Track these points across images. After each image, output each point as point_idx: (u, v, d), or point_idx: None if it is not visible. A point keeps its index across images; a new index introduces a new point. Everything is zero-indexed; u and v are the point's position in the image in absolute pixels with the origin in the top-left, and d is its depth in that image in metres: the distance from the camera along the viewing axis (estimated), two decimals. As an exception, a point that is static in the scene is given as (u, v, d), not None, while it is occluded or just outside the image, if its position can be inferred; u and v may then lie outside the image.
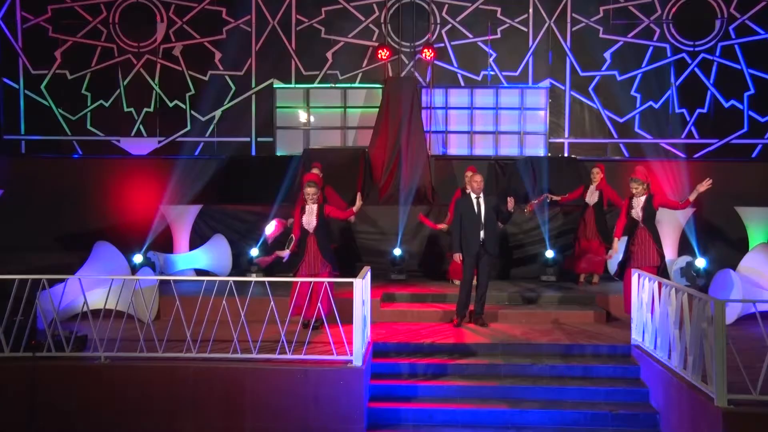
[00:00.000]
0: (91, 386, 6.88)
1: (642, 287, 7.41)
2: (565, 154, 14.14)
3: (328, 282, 7.77)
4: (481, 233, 8.54)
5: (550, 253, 11.21)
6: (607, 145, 14.14)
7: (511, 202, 8.53)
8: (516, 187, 13.29)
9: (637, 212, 8.27)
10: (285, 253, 8.29)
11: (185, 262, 11.26)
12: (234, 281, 7.16)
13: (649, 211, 8.26)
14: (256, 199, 12.62)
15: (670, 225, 10.91)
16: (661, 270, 8.19)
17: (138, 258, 10.30)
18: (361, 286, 6.92)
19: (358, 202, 8.59)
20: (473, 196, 8.65)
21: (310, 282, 7.74)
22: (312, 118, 14.55)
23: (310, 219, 8.31)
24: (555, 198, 11.05)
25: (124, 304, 7.81)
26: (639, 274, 7.53)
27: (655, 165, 13.31)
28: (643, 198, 8.29)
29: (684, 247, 11.04)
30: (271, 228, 9.22)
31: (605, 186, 10.64)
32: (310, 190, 8.31)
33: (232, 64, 14.31)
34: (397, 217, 11.85)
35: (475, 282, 8.80)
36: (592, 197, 10.71)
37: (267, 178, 13.12)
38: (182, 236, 11.60)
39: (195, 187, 13.27)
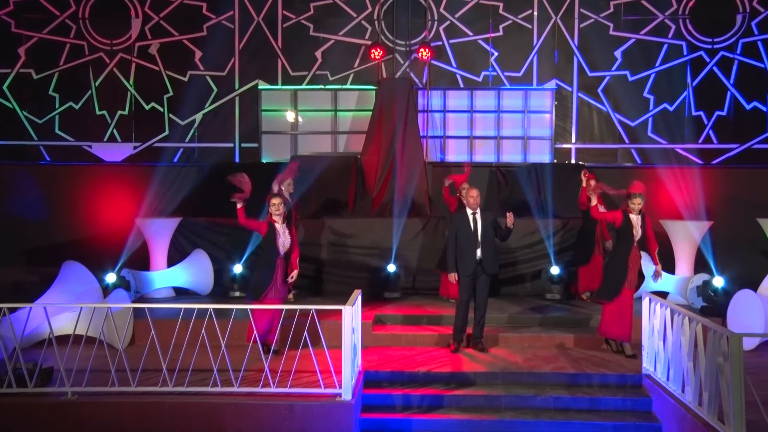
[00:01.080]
0: (57, 425, 6.83)
1: (653, 313, 7.42)
2: (572, 161, 14.15)
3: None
4: (478, 251, 8.56)
5: (555, 270, 11.24)
6: (617, 150, 14.18)
7: (510, 218, 8.52)
8: (518, 197, 13.31)
9: (637, 230, 8.27)
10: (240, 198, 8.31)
11: (163, 280, 11.26)
12: (214, 308, 7.12)
13: (644, 230, 8.31)
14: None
15: (685, 239, 10.94)
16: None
17: (111, 277, 10.29)
18: (351, 314, 6.92)
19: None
20: (469, 211, 8.69)
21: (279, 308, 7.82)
22: (300, 122, 14.53)
23: (284, 240, 8.38)
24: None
25: (95, 330, 7.78)
26: (650, 299, 7.54)
27: (669, 172, 13.41)
28: (639, 217, 8.31)
29: (700, 263, 11.04)
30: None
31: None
32: (275, 201, 8.45)
33: (213, 63, 14.33)
34: (391, 231, 11.86)
35: (473, 303, 8.80)
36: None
37: (252, 187, 13.09)
38: (159, 252, 11.58)
39: (173, 198, 13.30)
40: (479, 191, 8.86)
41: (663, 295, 10.35)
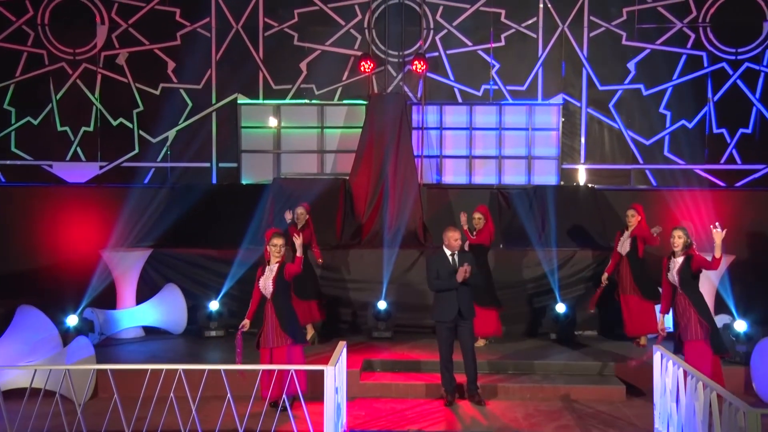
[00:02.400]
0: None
1: (665, 370, 7.45)
2: (581, 183, 14.21)
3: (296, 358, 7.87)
4: (456, 296, 8.67)
5: (561, 307, 11.28)
6: (630, 172, 14.22)
7: (461, 273, 8.54)
8: (521, 223, 13.36)
9: (673, 276, 8.19)
10: (244, 324, 8.36)
11: (131, 319, 11.31)
12: (183, 369, 7.11)
13: (687, 274, 8.14)
14: (217, 238, 12.65)
15: (703, 276, 10.78)
16: (713, 344, 8.03)
17: (72, 320, 10.31)
18: (334, 375, 6.93)
19: (297, 241, 8.42)
20: (448, 252, 8.83)
21: (270, 358, 8.25)
22: (283, 138, 14.55)
23: (266, 283, 8.37)
24: (605, 281, 10.83)
25: (54, 384, 7.78)
26: (662, 354, 7.56)
27: (688, 195, 13.44)
28: (681, 259, 8.22)
29: (720, 303, 11.07)
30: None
31: (641, 230, 10.61)
32: (276, 241, 8.37)
33: (188, 75, 14.35)
34: (382, 262, 11.89)
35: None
36: (624, 246, 10.74)
37: (231, 213, 13.20)
38: (127, 287, 11.62)
39: (144, 224, 13.31)
40: (460, 233, 8.96)
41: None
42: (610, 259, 11.00)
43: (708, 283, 10.92)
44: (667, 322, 8.86)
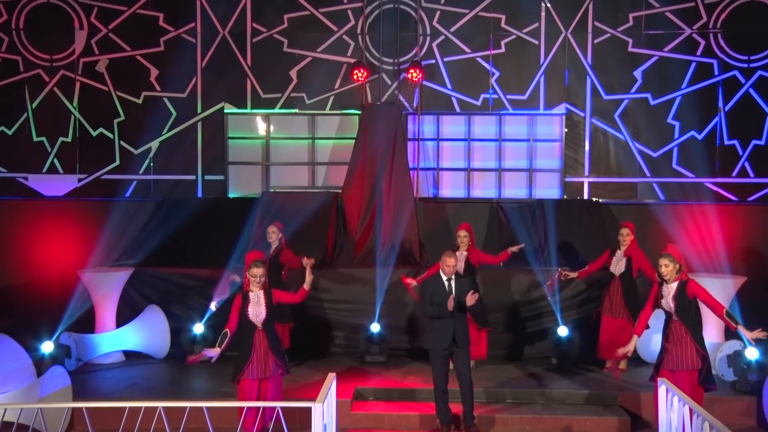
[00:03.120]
0: None
1: (670, 405, 7.44)
2: (585, 197, 14.24)
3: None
4: (452, 323, 8.69)
5: (563, 331, 11.27)
6: (637, 185, 14.23)
7: (471, 299, 8.60)
8: (522, 238, 13.35)
9: (668, 302, 8.23)
10: (214, 353, 8.22)
11: (110, 343, 11.32)
12: (163, 407, 7.09)
13: (683, 301, 8.19)
14: (202, 256, 12.59)
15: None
16: (703, 375, 8.16)
17: (47, 346, 10.28)
18: (322, 411, 6.91)
19: (308, 277, 8.61)
20: (444, 277, 8.86)
21: (258, 390, 8.26)
22: (272, 149, 14.56)
23: (258, 310, 8.32)
24: (571, 275, 11.10)
25: (27, 418, 7.77)
26: (667, 389, 7.56)
27: (698, 210, 13.45)
28: (675, 285, 8.27)
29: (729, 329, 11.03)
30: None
31: (636, 251, 10.73)
32: (256, 272, 8.33)
33: (172, 83, 14.33)
34: (375, 282, 11.89)
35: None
36: (618, 266, 10.81)
37: (217, 228, 13.19)
38: (107, 309, 11.61)
39: (125, 240, 13.32)
40: (456, 260, 8.99)
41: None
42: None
43: (722, 302, 10.87)
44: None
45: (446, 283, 8.82)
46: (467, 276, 10.06)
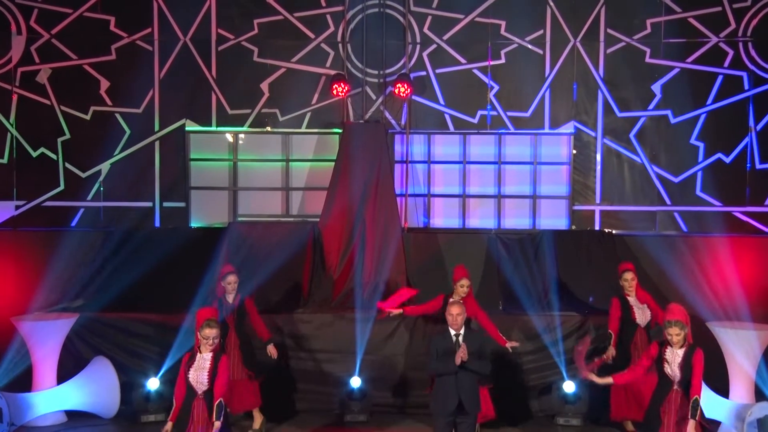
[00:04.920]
0: None
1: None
2: (596, 228, 14.22)
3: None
4: (455, 383, 8.58)
5: (569, 386, 11.21)
6: (656, 214, 14.22)
7: (459, 356, 8.50)
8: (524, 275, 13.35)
9: (673, 370, 8.23)
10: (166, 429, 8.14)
11: (50, 402, 11.18)
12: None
13: (689, 370, 8.17)
14: (159, 298, 12.49)
15: (742, 352, 10.91)
16: None
17: (-25, 410, 10.13)
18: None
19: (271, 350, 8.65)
20: (452, 331, 8.76)
21: None
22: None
23: (199, 375, 8.18)
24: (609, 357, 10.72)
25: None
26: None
27: (725, 243, 13.42)
28: (682, 351, 8.23)
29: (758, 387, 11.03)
30: None
31: (645, 295, 10.82)
32: (209, 333, 8.21)
33: (125, 97, 14.28)
34: (355, 329, 11.80)
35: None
36: (644, 315, 10.75)
37: (177, 264, 13.05)
38: (47, 362, 11.43)
39: (68, 279, 13.23)
40: (462, 309, 8.82)
41: (713, 424, 10.29)
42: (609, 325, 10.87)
43: (752, 357, 10.87)
44: None
45: (454, 338, 8.68)
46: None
